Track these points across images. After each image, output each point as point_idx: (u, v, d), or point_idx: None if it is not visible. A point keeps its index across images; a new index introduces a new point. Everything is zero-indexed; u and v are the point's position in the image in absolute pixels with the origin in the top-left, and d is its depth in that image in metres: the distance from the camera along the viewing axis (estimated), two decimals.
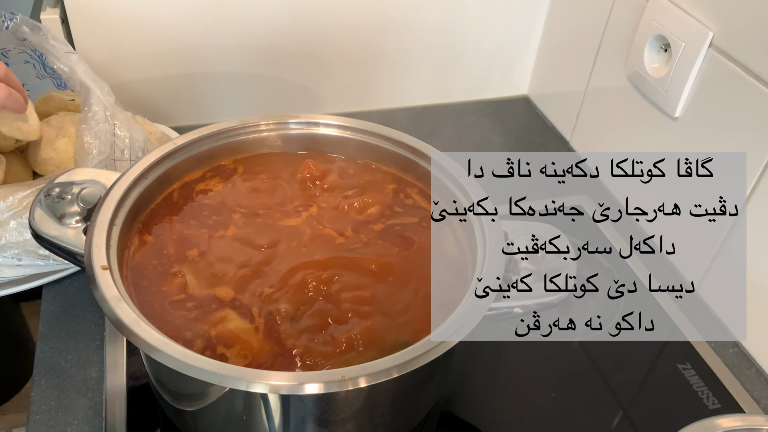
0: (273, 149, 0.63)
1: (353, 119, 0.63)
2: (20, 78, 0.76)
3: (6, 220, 0.61)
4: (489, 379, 0.62)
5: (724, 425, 0.47)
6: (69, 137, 0.69)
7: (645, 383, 0.63)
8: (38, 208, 0.52)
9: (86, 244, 0.49)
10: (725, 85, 0.64)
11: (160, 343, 0.43)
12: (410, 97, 0.97)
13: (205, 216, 0.57)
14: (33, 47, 0.71)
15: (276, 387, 0.42)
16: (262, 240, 0.56)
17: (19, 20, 0.69)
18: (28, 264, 0.64)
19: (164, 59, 0.84)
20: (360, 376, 0.42)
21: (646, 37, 0.72)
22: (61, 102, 0.75)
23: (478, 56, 0.96)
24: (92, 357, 0.62)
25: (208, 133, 0.60)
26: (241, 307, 0.50)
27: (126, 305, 0.45)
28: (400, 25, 0.89)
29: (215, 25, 0.83)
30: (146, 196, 0.56)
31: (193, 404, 0.50)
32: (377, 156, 0.63)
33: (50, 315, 0.65)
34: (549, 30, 0.94)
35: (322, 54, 0.89)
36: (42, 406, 0.58)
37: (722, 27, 0.64)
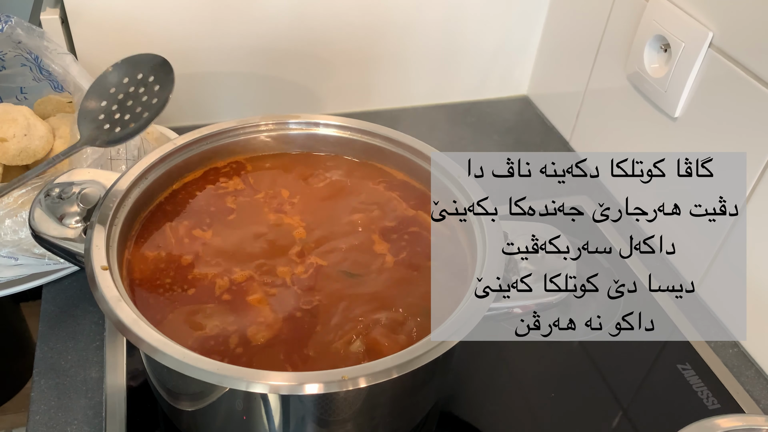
0: (273, 149, 0.63)
1: (353, 119, 0.63)
2: (17, 81, 0.76)
3: (1, 218, 0.61)
4: (489, 379, 0.62)
5: (724, 425, 0.47)
6: (64, 138, 0.69)
7: (645, 383, 0.63)
8: (38, 209, 0.52)
9: (86, 244, 0.49)
10: (725, 85, 0.64)
11: (160, 343, 0.43)
12: (410, 97, 0.97)
13: (205, 216, 0.57)
14: (29, 50, 0.71)
15: (276, 387, 0.42)
16: (262, 240, 0.56)
17: (14, 23, 0.69)
18: (27, 264, 0.64)
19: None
20: (360, 376, 0.42)
21: (646, 37, 0.72)
22: (59, 104, 0.75)
23: (478, 56, 0.96)
24: (92, 357, 0.62)
25: (208, 133, 0.60)
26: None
27: (126, 305, 0.45)
28: (400, 25, 0.89)
29: (215, 25, 0.83)
30: (146, 196, 0.56)
31: (193, 404, 0.50)
32: (377, 156, 0.63)
33: (50, 315, 0.65)
34: (549, 30, 0.94)
35: (322, 54, 0.89)
36: (42, 406, 0.58)
37: (722, 27, 0.64)
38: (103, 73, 0.59)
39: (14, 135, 0.66)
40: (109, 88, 0.59)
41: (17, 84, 0.76)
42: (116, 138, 0.57)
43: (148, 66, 0.59)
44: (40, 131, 0.67)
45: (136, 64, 0.59)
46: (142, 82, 0.58)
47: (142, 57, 0.59)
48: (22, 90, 0.77)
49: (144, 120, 0.57)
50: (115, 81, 0.59)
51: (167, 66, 0.58)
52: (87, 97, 0.58)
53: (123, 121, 0.57)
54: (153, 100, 0.57)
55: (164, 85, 0.58)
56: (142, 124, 0.57)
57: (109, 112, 0.58)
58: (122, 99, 0.58)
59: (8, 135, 0.65)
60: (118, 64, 0.59)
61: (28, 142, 0.66)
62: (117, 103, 0.58)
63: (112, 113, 0.58)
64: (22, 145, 0.66)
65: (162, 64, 0.58)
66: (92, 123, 0.57)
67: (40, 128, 0.67)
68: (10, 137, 0.66)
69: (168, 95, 0.58)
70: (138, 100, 0.58)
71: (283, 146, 0.64)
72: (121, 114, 0.57)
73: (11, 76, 0.76)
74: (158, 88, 0.58)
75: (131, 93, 0.58)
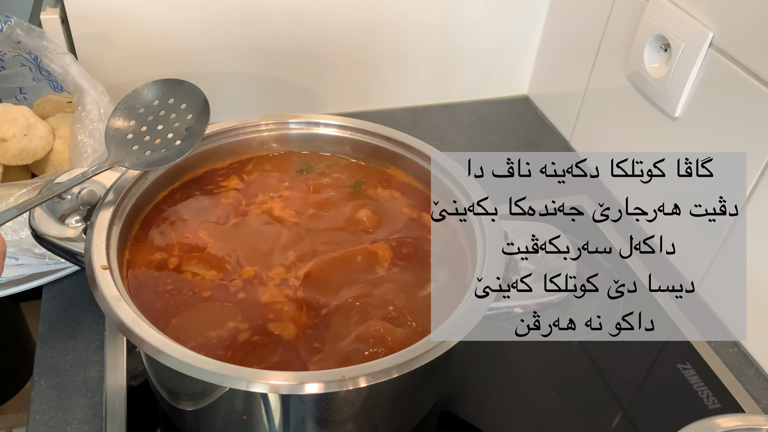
0: (273, 149, 0.64)
1: (353, 119, 0.63)
2: (17, 81, 0.76)
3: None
4: (489, 379, 0.62)
5: (724, 425, 0.47)
6: (64, 138, 0.69)
7: (645, 383, 0.63)
8: (38, 208, 0.52)
9: (86, 244, 0.49)
10: (725, 85, 0.64)
11: (161, 343, 0.43)
12: (410, 97, 0.97)
13: (204, 216, 0.57)
14: (28, 50, 0.72)
15: (276, 387, 0.42)
16: (261, 239, 0.56)
17: (14, 23, 0.69)
18: (27, 263, 0.64)
19: (164, 59, 0.84)
20: (360, 375, 0.42)
21: (646, 37, 0.72)
22: (59, 104, 0.75)
23: (478, 56, 0.96)
24: (92, 357, 0.62)
25: (208, 133, 0.60)
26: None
27: (126, 305, 0.45)
28: (400, 25, 0.89)
29: (215, 25, 0.83)
30: (146, 196, 0.56)
31: (194, 404, 0.50)
32: (377, 156, 0.63)
33: (50, 315, 0.65)
34: (549, 30, 0.94)
35: (322, 54, 0.89)
36: (42, 406, 0.58)
37: (722, 27, 0.64)
38: (133, 91, 0.57)
39: (14, 135, 0.66)
40: (138, 107, 0.56)
41: (17, 84, 0.77)
42: (146, 161, 0.54)
43: (180, 92, 0.57)
44: (40, 131, 0.67)
45: (168, 87, 0.57)
46: (173, 107, 0.56)
47: (174, 81, 0.57)
48: (22, 90, 0.77)
49: (177, 148, 0.55)
50: (145, 101, 0.56)
51: (202, 97, 0.57)
52: (115, 115, 0.56)
53: (153, 144, 0.55)
54: (185, 127, 0.56)
55: (199, 117, 0.56)
56: (175, 152, 0.55)
57: (138, 132, 0.56)
58: (152, 121, 0.56)
59: (8, 135, 0.66)
60: (149, 84, 0.57)
61: (28, 142, 0.66)
62: (146, 125, 0.56)
63: (141, 134, 0.55)
64: (22, 145, 0.66)
65: (196, 94, 0.57)
66: (121, 142, 0.55)
67: (40, 128, 0.67)
68: (10, 137, 0.66)
69: (204, 128, 0.56)
70: (169, 126, 0.56)
71: (283, 146, 0.64)
72: (151, 137, 0.55)
73: (11, 76, 0.76)
74: (191, 117, 0.56)
75: (161, 116, 0.56)
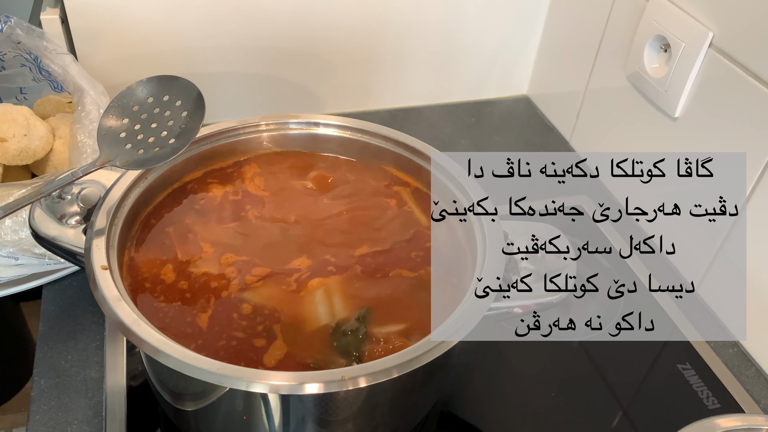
0: (273, 149, 0.63)
1: (353, 119, 0.63)
2: (17, 82, 0.76)
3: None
4: (489, 379, 0.62)
5: (724, 425, 0.47)
6: (64, 138, 0.69)
7: (645, 383, 0.63)
8: (38, 208, 0.52)
9: (86, 244, 0.49)
10: (725, 85, 0.64)
11: (160, 343, 0.43)
12: (410, 97, 0.97)
13: (205, 216, 0.57)
14: (28, 50, 0.72)
15: (276, 387, 0.42)
16: (262, 240, 0.56)
17: (14, 23, 0.69)
18: (27, 264, 0.64)
19: (164, 59, 0.84)
20: (360, 376, 0.42)
21: (646, 38, 0.72)
22: (59, 104, 0.75)
23: (478, 56, 0.96)
24: (92, 357, 0.62)
25: (208, 133, 0.60)
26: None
27: (126, 305, 0.45)
28: (400, 25, 0.89)
29: (215, 25, 0.83)
30: (146, 196, 0.56)
31: (193, 404, 0.50)
32: (377, 156, 0.63)
33: (50, 315, 0.65)
34: (549, 30, 0.94)
35: (322, 54, 0.89)
36: (42, 406, 0.58)
37: (722, 27, 0.64)
38: (126, 88, 0.56)
39: (14, 135, 0.66)
40: (132, 105, 0.55)
41: (17, 84, 0.77)
42: (139, 160, 0.53)
43: (175, 89, 0.56)
44: (40, 131, 0.67)
45: (163, 84, 0.56)
46: (168, 104, 0.55)
47: (169, 78, 0.56)
48: (22, 90, 0.77)
49: (170, 147, 0.54)
50: (139, 99, 0.55)
51: (198, 94, 0.56)
52: (108, 113, 0.55)
53: (146, 143, 0.54)
54: (179, 125, 0.55)
55: (193, 114, 0.55)
56: (169, 151, 0.54)
57: (131, 131, 0.54)
58: (146, 119, 0.55)
59: (8, 135, 0.66)
60: (144, 82, 0.56)
61: (28, 142, 0.66)
62: (140, 123, 0.55)
63: (134, 133, 0.54)
64: (22, 145, 0.66)
65: (191, 90, 0.55)
66: (113, 141, 0.54)
67: (40, 128, 0.67)
68: (10, 137, 0.66)
69: (199, 126, 0.55)
70: (163, 124, 0.55)
71: (283, 146, 0.64)
72: (144, 135, 0.54)
73: (11, 76, 0.76)
74: (185, 114, 0.55)
75: (155, 114, 0.55)
